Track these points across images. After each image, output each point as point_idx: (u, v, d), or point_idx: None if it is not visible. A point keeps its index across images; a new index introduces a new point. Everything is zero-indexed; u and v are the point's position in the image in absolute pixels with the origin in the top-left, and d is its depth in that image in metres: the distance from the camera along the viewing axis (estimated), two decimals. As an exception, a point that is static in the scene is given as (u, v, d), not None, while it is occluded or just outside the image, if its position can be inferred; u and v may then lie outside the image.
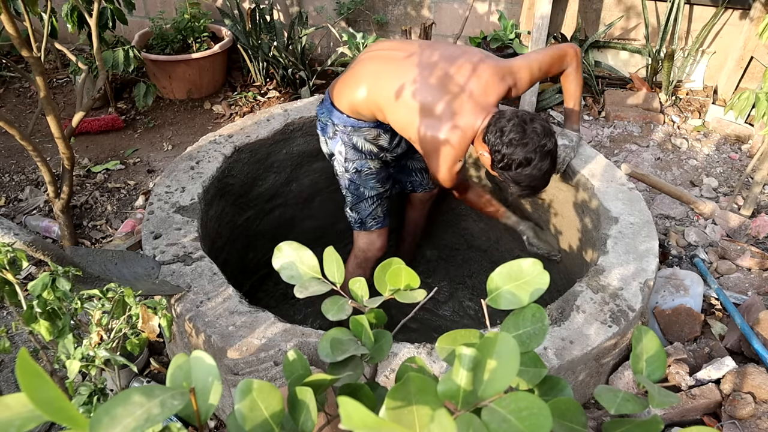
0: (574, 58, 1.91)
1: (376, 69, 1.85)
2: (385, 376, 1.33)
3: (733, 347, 1.78)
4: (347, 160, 1.99)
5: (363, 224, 2.10)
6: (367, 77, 1.85)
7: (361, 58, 1.93)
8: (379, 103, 1.82)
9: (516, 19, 3.60)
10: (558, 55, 1.89)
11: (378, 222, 2.10)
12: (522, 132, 1.67)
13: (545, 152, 1.69)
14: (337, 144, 1.99)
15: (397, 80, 1.78)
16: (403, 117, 1.79)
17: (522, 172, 1.71)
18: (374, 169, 2.02)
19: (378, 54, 1.89)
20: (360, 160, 1.99)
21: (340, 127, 1.94)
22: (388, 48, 1.90)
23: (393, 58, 1.84)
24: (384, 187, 2.08)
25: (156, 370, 1.85)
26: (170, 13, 3.81)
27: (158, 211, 1.78)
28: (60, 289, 1.10)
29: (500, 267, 0.68)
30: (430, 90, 1.75)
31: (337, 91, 1.93)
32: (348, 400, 0.41)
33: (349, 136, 1.95)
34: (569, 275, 2.11)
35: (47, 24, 2.05)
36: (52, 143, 2.35)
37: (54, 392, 0.38)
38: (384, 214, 2.11)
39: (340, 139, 1.97)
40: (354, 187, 2.04)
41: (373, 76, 1.84)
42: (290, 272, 0.76)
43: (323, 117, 1.99)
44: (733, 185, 2.89)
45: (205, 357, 0.53)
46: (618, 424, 0.58)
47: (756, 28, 3.17)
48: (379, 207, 2.08)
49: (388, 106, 1.81)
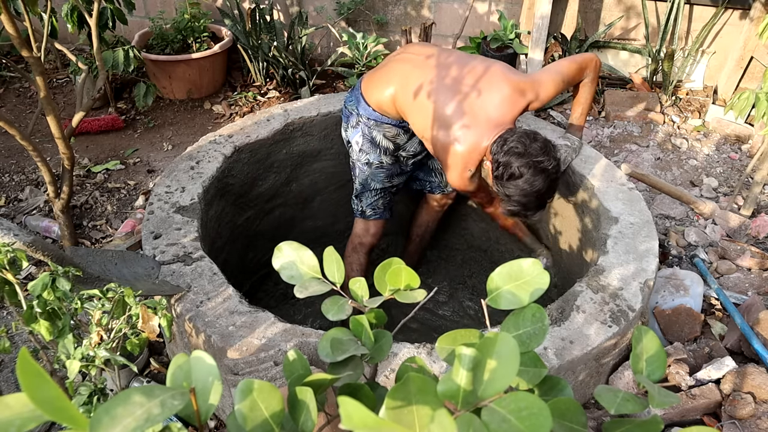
0: (594, 70, 1.93)
1: (406, 73, 1.92)
2: (385, 376, 1.33)
3: (733, 347, 1.78)
4: (362, 151, 2.06)
5: (363, 213, 2.18)
6: (396, 79, 1.93)
7: (395, 58, 2.02)
8: (404, 107, 1.91)
9: (516, 19, 3.60)
10: (582, 66, 1.91)
11: (377, 213, 2.17)
12: (522, 145, 1.70)
13: (540, 168, 1.70)
14: (356, 134, 2.06)
15: (422, 88, 1.86)
16: (423, 123, 1.87)
17: (513, 184, 1.72)
18: (386, 164, 2.08)
19: (410, 57, 1.97)
20: (374, 153, 2.05)
21: (364, 119, 2.02)
22: (419, 53, 1.97)
23: (422, 66, 1.91)
24: (391, 183, 2.13)
25: (156, 370, 1.85)
26: (170, 13, 3.81)
27: (158, 211, 1.78)
28: (60, 289, 1.10)
29: (500, 267, 0.68)
30: (451, 102, 1.81)
31: (367, 84, 2.01)
32: (348, 400, 0.41)
33: (369, 129, 2.02)
34: (569, 275, 2.11)
35: (47, 24, 2.05)
36: (52, 143, 2.35)
37: (54, 392, 0.38)
38: (384, 207, 2.18)
39: (361, 130, 2.04)
40: (363, 178, 2.11)
41: (402, 80, 1.92)
42: (290, 272, 0.76)
43: (350, 105, 2.06)
44: (733, 185, 2.89)
45: (205, 357, 0.53)
46: (618, 424, 0.58)
47: (756, 28, 3.17)
48: (381, 200, 2.15)
49: (411, 111, 1.90)
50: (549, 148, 1.72)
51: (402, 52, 2.04)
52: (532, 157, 1.68)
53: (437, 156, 1.90)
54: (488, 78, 1.82)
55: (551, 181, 1.75)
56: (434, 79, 1.85)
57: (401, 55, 2.01)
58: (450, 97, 1.81)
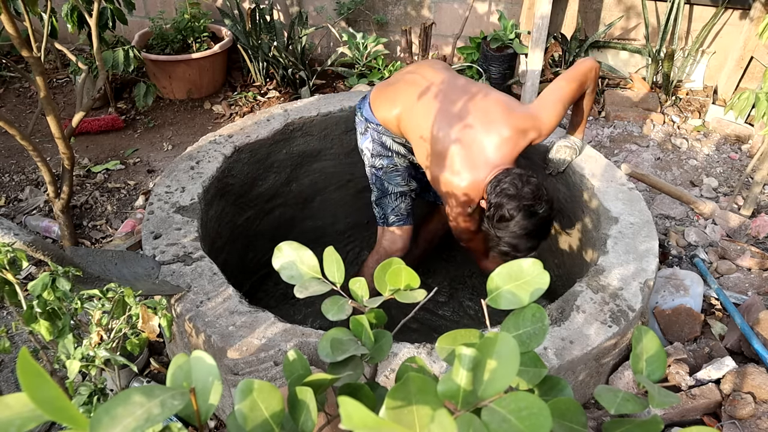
0: (594, 80, 1.90)
1: (412, 98, 1.92)
2: (385, 376, 1.33)
3: (733, 347, 1.78)
4: (374, 156, 2.07)
5: (386, 220, 2.13)
6: (401, 101, 1.94)
7: (404, 78, 2.01)
8: (406, 131, 1.94)
9: (516, 19, 3.60)
10: (582, 81, 1.86)
11: (400, 219, 2.11)
12: (514, 187, 1.70)
13: (530, 212, 1.70)
14: (366, 140, 2.07)
15: (424, 119, 1.86)
16: (422, 152, 1.89)
17: (504, 226, 1.73)
18: (400, 167, 2.09)
19: (419, 81, 1.96)
20: (387, 157, 2.06)
21: (373, 125, 2.03)
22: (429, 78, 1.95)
23: (429, 94, 1.90)
24: (408, 185, 2.12)
25: (156, 370, 1.85)
26: (170, 13, 3.81)
27: (158, 211, 1.78)
28: (60, 289, 1.10)
29: (500, 267, 0.68)
30: (452, 138, 1.82)
31: (375, 98, 2.03)
32: (348, 400, 0.41)
33: (379, 134, 2.04)
34: (569, 275, 2.11)
35: (47, 24, 2.05)
36: (52, 143, 2.35)
37: (55, 392, 0.38)
38: (408, 212, 2.12)
39: (370, 136, 2.05)
40: (379, 183, 2.10)
41: (407, 104, 1.92)
42: (290, 272, 0.76)
43: (360, 113, 2.08)
44: (733, 185, 2.89)
45: (206, 357, 0.53)
46: (618, 424, 0.58)
47: (756, 28, 3.17)
48: (402, 203, 2.11)
49: (413, 138, 1.92)
50: (541, 192, 1.72)
51: (413, 71, 2.02)
52: (523, 201, 1.68)
53: (436, 189, 1.92)
54: (491, 116, 1.81)
55: (542, 224, 1.74)
56: (438, 113, 1.85)
57: (411, 76, 2.00)
58: (451, 134, 1.82)
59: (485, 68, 3.53)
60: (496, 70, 3.53)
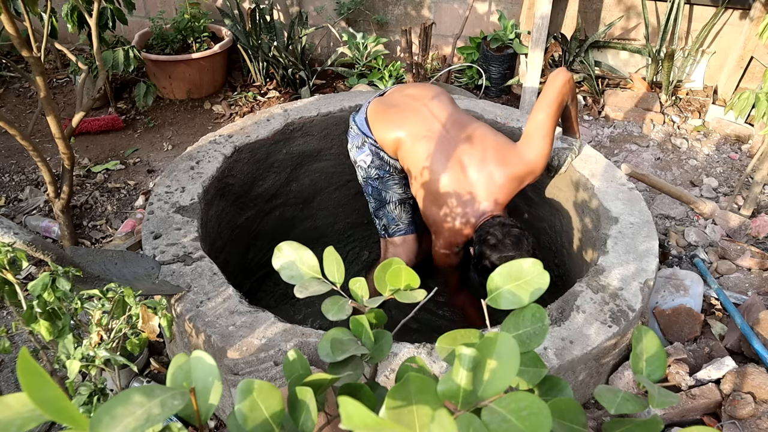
0: (572, 90, 1.86)
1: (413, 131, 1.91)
2: (385, 376, 1.33)
3: (733, 347, 1.78)
4: (370, 167, 2.04)
5: (386, 230, 2.09)
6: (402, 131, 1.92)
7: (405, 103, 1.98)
8: (403, 159, 1.95)
9: (516, 19, 3.60)
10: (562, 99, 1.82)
11: (401, 229, 2.07)
12: (495, 238, 1.72)
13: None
14: (362, 154, 2.04)
15: (424, 157, 1.87)
16: (417, 184, 1.92)
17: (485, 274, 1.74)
18: (396, 177, 2.07)
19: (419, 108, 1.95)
20: (382, 168, 2.04)
21: (370, 140, 2.02)
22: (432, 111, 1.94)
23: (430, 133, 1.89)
24: (406, 194, 2.09)
25: (156, 370, 1.85)
26: (170, 13, 3.81)
27: (158, 211, 1.78)
28: (60, 289, 1.10)
29: (500, 267, 0.68)
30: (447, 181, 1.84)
31: (373, 117, 2.01)
32: (348, 400, 0.41)
33: (376, 149, 2.02)
34: (569, 275, 2.11)
35: (47, 24, 2.05)
36: (52, 143, 2.35)
37: (55, 392, 0.38)
38: (409, 221, 2.08)
39: (368, 149, 2.02)
40: (376, 192, 2.07)
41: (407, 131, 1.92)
42: (290, 272, 0.76)
43: (356, 126, 2.05)
44: (733, 185, 2.89)
45: (206, 357, 0.53)
46: (618, 424, 0.58)
47: (756, 28, 3.17)
48: (402, 212, 2.07)
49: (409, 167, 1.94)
50: (522, 243, 1.73)
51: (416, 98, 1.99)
52: (503, 252, 1.71)
53: (426, 223, 1.95)
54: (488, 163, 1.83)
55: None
56: (437, 154, 1.86)
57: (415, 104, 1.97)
58: (447, 177, 1.84)
59: (485, 68, 3.53)
60: (496, 70, 3.53)
